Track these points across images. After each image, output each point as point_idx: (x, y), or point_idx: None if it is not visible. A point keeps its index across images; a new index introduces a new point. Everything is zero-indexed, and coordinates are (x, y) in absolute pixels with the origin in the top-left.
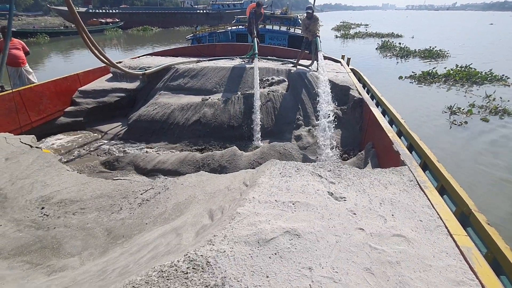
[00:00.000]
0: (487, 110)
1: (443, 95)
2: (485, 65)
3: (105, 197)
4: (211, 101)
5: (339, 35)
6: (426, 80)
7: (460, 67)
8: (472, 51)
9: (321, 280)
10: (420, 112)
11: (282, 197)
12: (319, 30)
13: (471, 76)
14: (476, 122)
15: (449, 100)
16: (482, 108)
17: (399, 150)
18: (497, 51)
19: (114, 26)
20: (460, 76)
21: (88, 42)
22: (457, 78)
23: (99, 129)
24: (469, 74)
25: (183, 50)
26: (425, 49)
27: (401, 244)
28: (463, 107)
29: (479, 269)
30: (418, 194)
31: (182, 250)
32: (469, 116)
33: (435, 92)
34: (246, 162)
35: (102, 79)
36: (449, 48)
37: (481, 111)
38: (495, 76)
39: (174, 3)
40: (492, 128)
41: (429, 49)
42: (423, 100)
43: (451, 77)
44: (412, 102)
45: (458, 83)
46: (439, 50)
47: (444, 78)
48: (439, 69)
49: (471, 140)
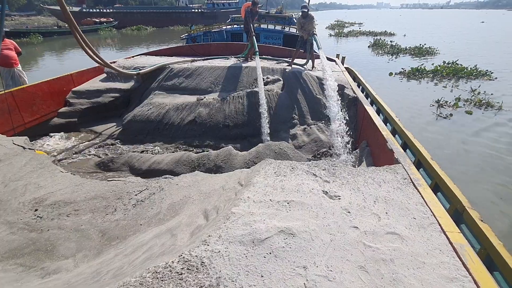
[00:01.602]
0: (472, 103)
1: (431, 90)
2: (472, 61)
3: (99, 199)
4: (206, 101)
5: (333, 34)
6: (415, 76)
7: (447, 63)
8: (461, 48)
9: (316, 279)
10: (409, 106)
11: (277, 196)
12: (316, 28)
13: (457, 72)
14: (461, 115)
15: (437, 94)
16: (467, 102)
17: (393, 148)
18: (484, 48)
19: (108, 25)
20: (447, 71)
21: (81, 42)
22: (444, 73)
23: (93, 129)
24: (456, 70)
25: (178, 49)
26: (415, 46)
27: (395, 241)
28: (449, 101)
29: (472, 266)
30: (412, 192)
31: (177, 251)
32: (455, 109)
33: (424, 87)
34: (241, 162)
35: (96, 79)
36: (439, 45)
37: (466, 104)
38: (479, 71)
39: (168, 2)
40: (475, 119)
41: (419, 46)
42: (412, 94)
43: (439, 73)
44: (402, 97)
45: (445, 78)
46: (429, 48)
47: (432, 74)
48: (428, 65)
49: (454, 131)
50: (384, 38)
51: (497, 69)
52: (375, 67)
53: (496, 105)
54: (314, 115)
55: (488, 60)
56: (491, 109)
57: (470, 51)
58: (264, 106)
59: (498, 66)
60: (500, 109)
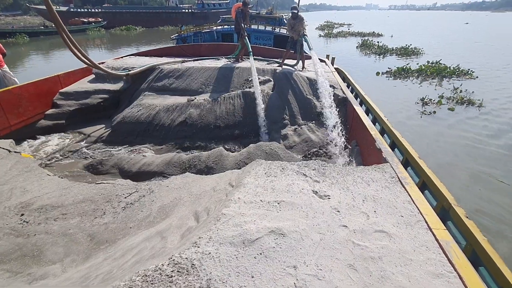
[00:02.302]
0: (454, 101)
1: (416, 88)
2: (455, 60)
3: (87, 202)
4: (197, 102)
5: (323, 35)
6: (401, 75)
7: (431, 63)
8: (445, 48)
9: (306, 278)
10: (395, 104)
11: (267, 197)
12: (305, 29)
13: (440, 71)
14: (443, 112)
15: (422, 92)
16: (450, 99)
17: (381, 148)
18: (466, 48)
19: (96, 25)
20: (431, 71)
21: (68, 42)
22: (429, 73)
23: (81, 131)
24: (439, 69)
25: (168, 50)
26: (402, 47)
27: (383, 239)
28: (433, 99)
29: (457, 262)
30: (399, 190)
31: (167, 254)
32: (439, 107)
33: (409, 86)
34: (232, 163)
35: (84, 80)
36: (424, 45)
37: (449, 101)
38: (461, 70)
39: (158, 2)
40: (456, 115)
41: (405, 47)
42: (398, 93)
43: (423, 72)
44: (388, 96)
45: (429, 77)
46: (414, 48)
47: (417, 73)
48: (413, 65)
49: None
50: (372, 38)
51: (478, 68)
52: (363, 67)
53: (477, 102)
54: (305, 115)
55: (469, 60)
56: (472, 106)
57: (454, 51)
58: (260, 105)
59: (479, 65)
60: (481, 106)
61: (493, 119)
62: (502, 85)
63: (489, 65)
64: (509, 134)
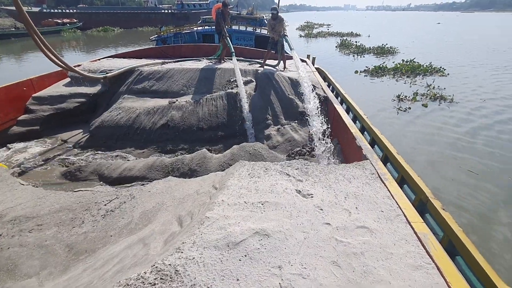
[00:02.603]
0: (428, 97)
1: (392, 86)
2: (428, 59)
3: (65, 211)
4: (178, 104)
5: (303, 35)
6: (378, 73)
7: (406, 61)
8: (419, 47)
9: (290, 278)
10: (373, 101)
11: (251, 198)
12: (286, 30)
13: (414, 69)
14: (418, 108)
15: (397, 90)
16: (423, 96)
17: (361, 145)
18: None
19: (71, 26)
20: (406, 69)
21: (40, 44)
22: (404, 71)
23: (58, 137)
24: (413, 67)
25: (148, 51)
26: (378, 46)
27: (364, 235)
28: (408, 95)
29: (435, 253)
30: (379, 186)
31: (150, 261)
32: (413, 103)
33: (386, 83)
34: (216, 165)
35: (59, 84)
36: (399, 45)
37: (423, 98)
38: (434, 68)
39: (137, 3)
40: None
41: (382, 46)
42: (376, 90)
43: (399, 70)
44: (366, 93)
45: (404, 75)
46: (390, 47)
47: (393, 72)
48: (389, 63)
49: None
50: (350, 38)
51: (450, 66)
52: (342, 66)
53: (448, 98)
54: (287, 115)
55: (441, 58)
56: (445, 102)
57: (427, 50)
58: (245, 106)
59: (450, 63)
60: (452, 102)
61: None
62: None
63: (459, 63)
64: (478, 127)
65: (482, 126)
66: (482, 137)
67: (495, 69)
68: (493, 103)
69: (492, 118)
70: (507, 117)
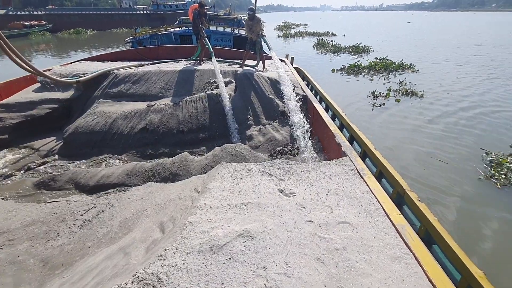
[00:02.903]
0: (400, 93)
1: (367, 83)
2: (399, 56)
3: (38, 224)
4: (157, 107)
5: (281, 35)
6: (353, 71)
7: (379, 59)
8: (391, 45)
9: (275, 277)
10: (350, 98)
11: (234, 200)
12: (263, 30)
13: (387, 66)
14: (391, 103)
15: (372, 87)
16: (396, 92)
17: (340, 142)
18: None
19: (40, 29)
20: (379, 66)
21: (5, 48)
22: (377, 68)
23: (29, 146)
24: (386, 65)
25: (123, 53)
26: (353, 45)
27: (346, 230)
28: (382, 92)
29: (412, 243)
30: (359, 181)
31: (131, 270)
32: (387, 99)
33: (361, 81)
34: (198, 167)
35: (29, 90)
36: (373, 43)
37: (396, 94)
38: (405, 65)
39: (110, 4)
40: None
41: (356, 45)
42: (352, 87)
43: (373, 68)
44: (343, 90)
45: (378, 72)
46: (364, 46)
47: (367, 69)
48: (363, 61)
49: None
50: (327, 38)
51: (419, 62)
52: (320, 65)
53: (419, 93)
54: (268, 115)
55: (412, 55)
56: (416, 97)
57: (398, 47)
58: (228, 105)
59: (420, 60)
60: (422, 97)
61: (432, 107)
62: (439, 77)
63: (428, 59)
64: (445, 118)
65: (445, 115)
66: (443, 124)
67: (459, 64)
68: (456, 94)
69: (455, 105)
70: (467, 105)
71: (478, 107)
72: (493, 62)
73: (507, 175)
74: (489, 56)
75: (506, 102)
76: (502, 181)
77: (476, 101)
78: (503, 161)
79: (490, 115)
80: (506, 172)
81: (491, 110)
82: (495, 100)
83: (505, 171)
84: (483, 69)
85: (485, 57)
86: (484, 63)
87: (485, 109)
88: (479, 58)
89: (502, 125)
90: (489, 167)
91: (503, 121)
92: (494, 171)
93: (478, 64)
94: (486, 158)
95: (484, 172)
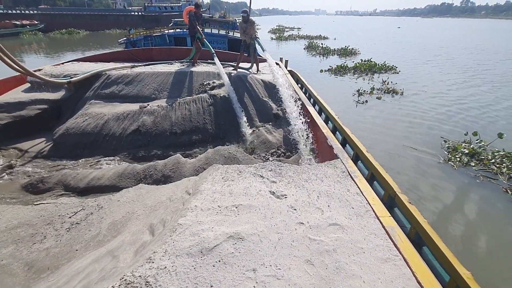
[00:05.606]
0: (383, 91)
1: (353, 82)
2: (383, 58)
3: (24, 227)
4: (150, 108)
5: (275, 38)
6: (340, 72)
7: (364, 61)
8: (377, 48)
9: (265, 280)
10: (336, 96)
11: (225, 202)
12: (257, 32)
13: (371, 67)
14: (374, 101)
15: (357, 86)
16: (379, 90)
17: (332, 145)
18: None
19: (32, 28)
20: (364, 67)
21: None
22: (362, 69)
23: (17, 147)
24: (370, 66)
25: (116, 54)
26: (342, 48)
27: (336, 232)
28: (366, 90)
29: (401, 245)
30: (350, 183)
31: (119, 274)
32: (370, 96)
33: (347, 80)
34: (191, 169)
35: (18, 90)
36: (360, 46)
37: (378, 92)
38: (388, 66)
39: (104, 4)
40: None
41: (345, 48)
42: (338, 87)
43: (358, 69)
44: (330, 89)
45: (363, 73)
46: (352, 49)
47: (353, 70)
48: (350, 63)
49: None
50: (318, 41)
51: (401, 64)
52: (310, 66)
53: (399, 91)
54: (262, 117)
55: (395, 57)
56: (396, 95)
57: (383, 50)
58: (235, 99)
59: (401, 62)
60: (402, 95)
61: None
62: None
63: (409, 61)
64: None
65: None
66: (412, 117)
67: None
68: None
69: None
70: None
71: (445, 102)
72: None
73: (461, 158)
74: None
75: (468, 98)
76: (457, 163)
77: (444, 97)
78: (458, 147)
79: (453, 107)
80: (460, 156)
81: (455, 103)
82: (459, 96)
83: (460, 155)
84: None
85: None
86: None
87: (450, 103)
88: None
89: (462, 117)
90: (447, 153)
91: (464, 113)
92: (451, 155)
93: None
94: (445, 145)
95: (443, 157)
